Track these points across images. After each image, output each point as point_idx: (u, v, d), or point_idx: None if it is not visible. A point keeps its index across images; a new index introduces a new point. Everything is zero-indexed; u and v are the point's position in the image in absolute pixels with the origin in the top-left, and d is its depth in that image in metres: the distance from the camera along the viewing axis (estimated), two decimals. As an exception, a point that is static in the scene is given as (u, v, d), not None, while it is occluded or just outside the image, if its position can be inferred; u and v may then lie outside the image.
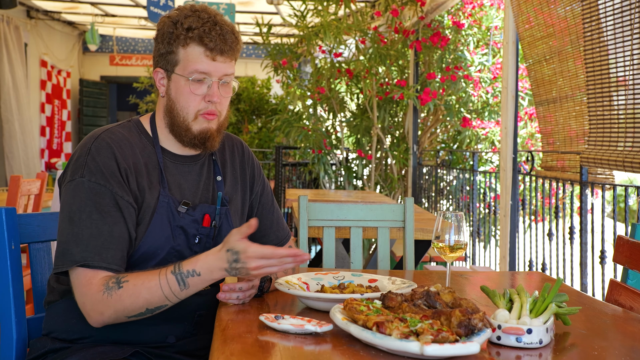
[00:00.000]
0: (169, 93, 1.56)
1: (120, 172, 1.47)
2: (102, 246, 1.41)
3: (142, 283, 1.38)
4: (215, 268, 1.36)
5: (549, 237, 3.89)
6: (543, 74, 3.85)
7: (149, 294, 1.37)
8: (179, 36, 1.51)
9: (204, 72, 1.51)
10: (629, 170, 2.90)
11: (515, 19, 4.06)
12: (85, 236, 1.41)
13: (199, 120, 1.55)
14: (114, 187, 1.45)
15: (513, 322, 1.22)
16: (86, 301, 1.40)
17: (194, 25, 1.50)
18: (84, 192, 1.44)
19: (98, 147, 1.48)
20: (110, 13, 9.41)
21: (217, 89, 1.53)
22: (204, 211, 1.58)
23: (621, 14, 2.94)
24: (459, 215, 1.57)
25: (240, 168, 1.72)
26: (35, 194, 3.77)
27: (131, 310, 1.39)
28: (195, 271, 1.37)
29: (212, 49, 1.51)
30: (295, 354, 1.13)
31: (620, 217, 9.46)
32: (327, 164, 6.74)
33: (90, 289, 1.39)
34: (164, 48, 1.54)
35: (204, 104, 1.54)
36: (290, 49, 6.68)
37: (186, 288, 1.38)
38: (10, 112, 8.43)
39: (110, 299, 1.38)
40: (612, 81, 3.08)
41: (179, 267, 1.38)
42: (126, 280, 1.39)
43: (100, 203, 1.44)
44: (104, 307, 1.38)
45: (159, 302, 1.39)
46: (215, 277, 1.38)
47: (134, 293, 1.37)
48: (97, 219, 1.43)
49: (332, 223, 2.26)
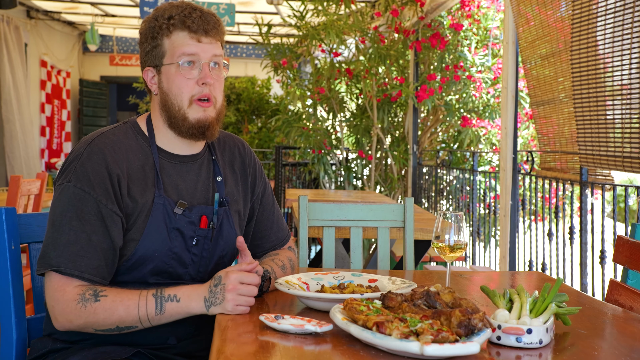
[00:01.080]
0: (162, 87, 1.56)
1: (111, 179, 1.46)
2: (77, 253, 1.41)
3: (120, 300, 1.38)
4: (195, 295, 1.39)
5: (549, 237, 3.89)
6: (540, 75, 3.86)
7: (124, 312, 1.38)
8: (161, 27, 1.53)
9: (191, 53, 1.52)
10: (629, 170, 2.91)
11: (515, 20, 4.07)
12: (62, 241, 1.42)
13: (195, 107, 1.53)
14: (99, 195, 1.44)
15: (513, 322, 1.22)
16: (56, 306, 1.40)
17: (174, 12, 1.53)
18: (68, 198, 1.44)
19: (90, 153, 1.47)
20: (110, 13, 9.41)
21: (209, 70, 1.53)
22: (201, 212, 1.56)
23: (613, 16, 2.94)
24: (458, 215, 1.57)
25: (242, 169, 1.71)
26: (35, 194, 3.77)
27: (102, 324, 1.40)
28: (176, 296, 1.39)
29: (196, 30, 1.52)
30: (295, 354, 1.13)
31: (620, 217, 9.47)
32: (327, 164, 6.74)
33: (63, 295, 1.40)
34: (148, 45, 1.55)
35: (198, 88, 1.53)
36: (290, 49, 6.68)
37: (161, 313, 1.39)
38: (11, 112, 8.43)
39: (83, 310, 1.38)
40: (599, 81, 3.08)
41: (161, 290, 1.40)
42: (104, 295, 1.39)
43: (82, 210, 1.43)
44: (74, 317, 1.39)
45: (131, 322, 1.40)
46: (192, 305, 1.39)
47: (109, 308, 1.38)
48: (76, 226, 1.43)
49: (332, 223, 2.26)
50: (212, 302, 1.37)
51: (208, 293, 1.38)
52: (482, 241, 5.38)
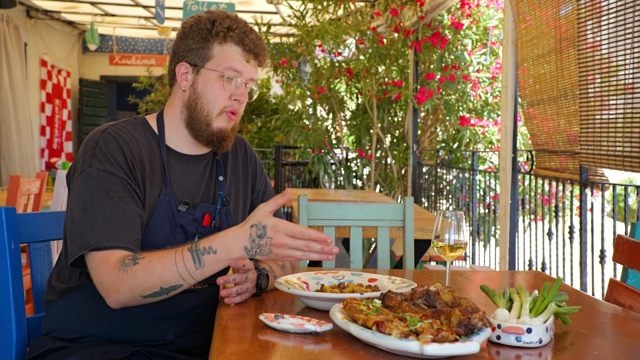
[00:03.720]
0: (195, 87, 1.58)
1: (128, 163, 1.48)
2: (116, 228, 1.40)
3: (157, 259, 1.35)
4: (234, 246, 1.32)
5: (549, 237, 3.89)
6: (537, 74, 3.85)
7: (163, 271, 1.34)
8: (218, 33, 1.55)
9: (238, 70, 1.56)
10: (629, 170, 2.91)
11: (515, 19, 4.06)
12: (99, 221, 1.40)
13: (222, 117, 1.57)
14: (123, 174, 1.46)
15: (513, 322, 1.22)
16: (103, 280, 1.37)
17: (234, 26, 1.56)
18: (94, 181, 1.44)
19: (105, 140, 1.49)
20: (110, 13, 9.41)
21: (245, 89, 1.58)
22: (204, 210, 1.59)
23: (615, 15, 2.94)
24: (458, 215, 1.57)
25: (243, 167, 1.75)
26: (35, 193, 3.77)
27: (145, 287, 1.35)
28: (211, 248, 1.33)
29: (249, 50, 1.57)
30: (295, 354, 1.13)
31: (619, 217, 9.46)
32: (327, 164, 6.74)
33: (107, 267, 1.37)
34: (195, 43, 1.57)
35: (230, 102, 1.57)
36: (289, 48, 6.68)
37: (202, 267, 1.34)
38: (8, 112, 8.43)
39: (125, 275, 1.35)
40: (603, 82, 3.08)
41: (196, 244, 1.35)
42: (142, 257, 1.37)
43: (111, 189, 1.44)
44: (119, 284, 1.36)
45: (173, 281, 1.35)
46: (233, 256, 1.33)
47: (148, 269, 1.34)
48: (110, 204, 1.42)
49: (332, 222, 2.26)
50: (257, 253, 1.32)
51: (250, 243, 1.31)
52: (482, 240, 5.38)
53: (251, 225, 1.31)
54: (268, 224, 1.29)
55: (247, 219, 1.33)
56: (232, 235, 1.33)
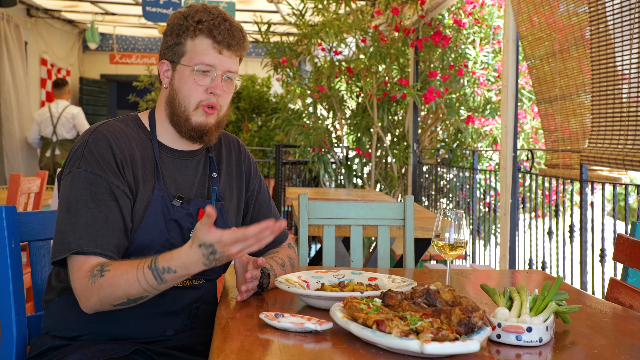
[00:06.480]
0: (173, 83, 1.59)
1: (117, 162, 1.49)
2: (96, 233, 1.42)
3: (120, 275, 1.36)
4: (192, 265, 1.32)
5: (549, 236, 3.89)
6: (544, 73, 3.85)
7: (126, 286, 1.36)
8: (189, 27, 1.55)
9: (209, 64, 1.55)
10: (629, 169, 2.90)
11: (516, 18, 4.06)
12: (81, 224, 1.42)
13: (199, 112, 1.57)
14: (110, 177, 1.47)
15: (513, 321, 1.22)
16: (76, 286, 1.41)
17: (204, 18, 1.55)
18: (80, 182, 1.46)
19: (95, 139, 1.50)
20: (110, 11, 9.40)
21: (221, 82, 1.57)
22: (198, 205, 1.60)
23: (629, 11, 2.94)
24: (459, 214, 1.57)
25: (236, 165, 1.75)
26: (36, 192, 3.77)
27: (113, 299, 1.38)
28: (170, 269, 1.35)
29: (220, 42, 1.55)
30: (295, 352, 1.13)
31: (620, 216, 9.46)
32: (327, 163, 6.74)
33: (80, 274, 1.40)
34: (172, 40, 1.58)
35: (206, 95, 1.57)
36: (290, 47, 6.67)
37: (164, 282, 1.36)
38: (10, 110, 8.44)
39: (93, 286, 1.38)
40: (617, 79, 3.08)
41: (155, 262, 1.35)
42: (108, 270, 1.38)
43: (96, 192, 1.45)
44: (89, 294, 1.39)
45: (138, 294, 1.38)
46: (193, 271, 1.34)
47: (112, 283, 1.36)
48: (93, 207, 1.44)
49: (332, 221, 2.26)
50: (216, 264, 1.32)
51: (206, 259, 1.30)
52: (482, 239, 5.38)
53: (199, 245, 1.30)
54: (213, 241, 1.28)
55: (192, 239, 1.31)
56: (187, 256, 1.32)
